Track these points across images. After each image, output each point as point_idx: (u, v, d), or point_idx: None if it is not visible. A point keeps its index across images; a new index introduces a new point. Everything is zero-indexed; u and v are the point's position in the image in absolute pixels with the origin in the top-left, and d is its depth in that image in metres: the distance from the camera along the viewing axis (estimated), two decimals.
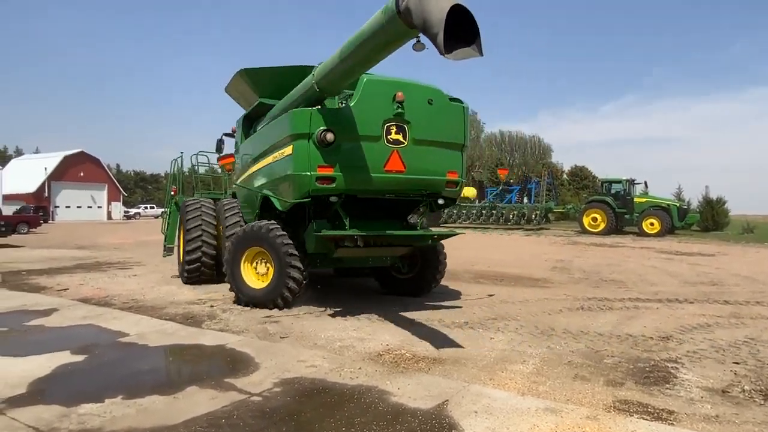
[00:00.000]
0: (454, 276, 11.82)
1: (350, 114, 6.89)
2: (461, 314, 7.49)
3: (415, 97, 7.11)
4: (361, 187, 7.09)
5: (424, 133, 7.20)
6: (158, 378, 4.76)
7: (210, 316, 7.22)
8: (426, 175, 7.31)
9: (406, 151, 7.09)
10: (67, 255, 16.58)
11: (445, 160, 7.45)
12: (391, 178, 7.10)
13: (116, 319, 6.96)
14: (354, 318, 7.20)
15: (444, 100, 7.37)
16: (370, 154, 6.95)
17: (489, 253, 18.04)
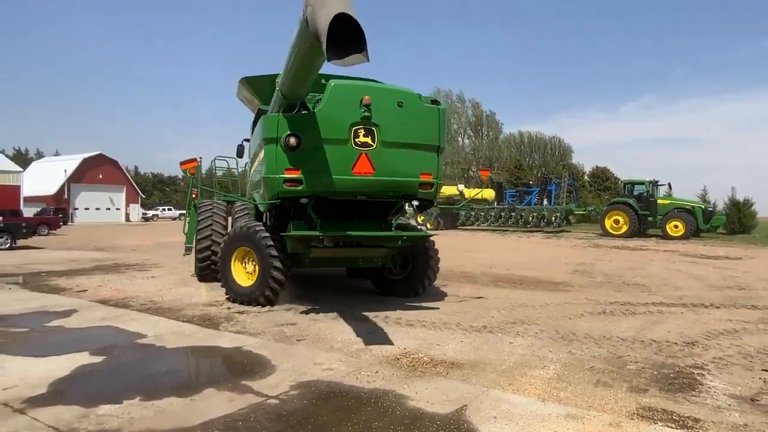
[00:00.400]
0: (472, 279, 11.76)
1: (316, 118, 7.19)
2: (479, 318, 7.46)
3: (384, 100, 7.34)
4: (329, 189, 7.33)
5: (394, 135, 7.39)
6: (176, 380, 4.82)
7: (227, 318, 7.29)
8: (397, 177, 7.49)
9: (375, 153, 7.32)
10: (86, 257, 16.88)
11: (418, 162, 7.61)
12: (360, 181, 7.33)
13: (134, 321, 7.07)
14: (369, 320, 7.21)
15: (416, 102, 7.54)
16: (337, 156, 7.23)
17: (508, 255, 17.93)
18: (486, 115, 68.53)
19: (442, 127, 7.73)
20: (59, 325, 6.86)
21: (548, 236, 29.79)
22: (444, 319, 7.35)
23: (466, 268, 13.94)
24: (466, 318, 7.44)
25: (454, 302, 8.77)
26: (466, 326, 6.91)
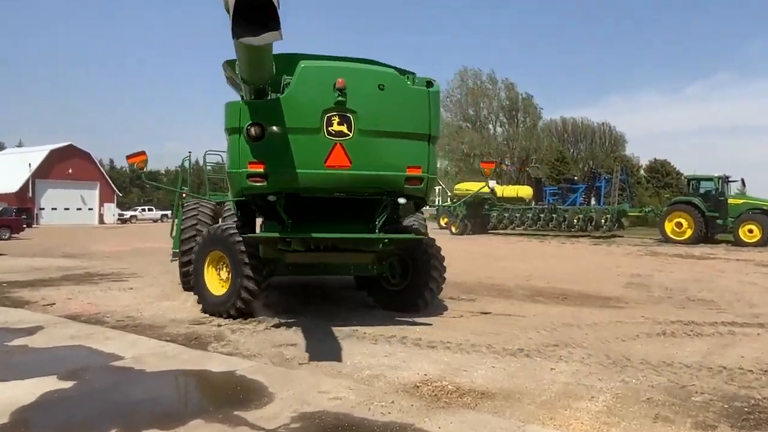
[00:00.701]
0: (505, 293, 11.74)
1: (283, 105, 7.29)
2: (514, 339, 7.44)
3: (363, 82, 7.43)
4: (299, 185, 7.48)
5: (375, 123, 7.47)
6: (157, 409, 4.85)
7: (217, 337, 7.35)
8: (378, 171, 7.58)
9: (352, 143, 7.39)
10: (53, 264, 17.11)
11: (404, 153, 7.68)
12: (335, 175, 7.44)
13: (109, 340, 7.15)
14: (385, 341, 7.22)
15: (400, 84, 7.63)
16: (307, 148, 7.34)
17: (548, 265, 17.85)
18: (522, 98, 68.17)
19: (433, 112, 7.81)
20: (23, 344, 6.96)
21: (596, 242, 29.59)
22: (472, 340, 7.34)
23: (498, 279, 13.91)
24: (498, 339, 7.42)
25: (483, 320, 8.76)
26: (499, 349, 6.89)
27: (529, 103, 68.36)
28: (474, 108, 68.72)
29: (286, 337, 7.44)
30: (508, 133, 69.04)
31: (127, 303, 9.99)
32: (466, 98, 68.06)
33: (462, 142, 64.27)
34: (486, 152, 64.21)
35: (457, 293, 11.52)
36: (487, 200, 37.57)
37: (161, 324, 8.20)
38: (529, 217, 35.71)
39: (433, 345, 7.04)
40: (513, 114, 68.94)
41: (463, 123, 68.72)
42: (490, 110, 69.47)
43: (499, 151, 66.60)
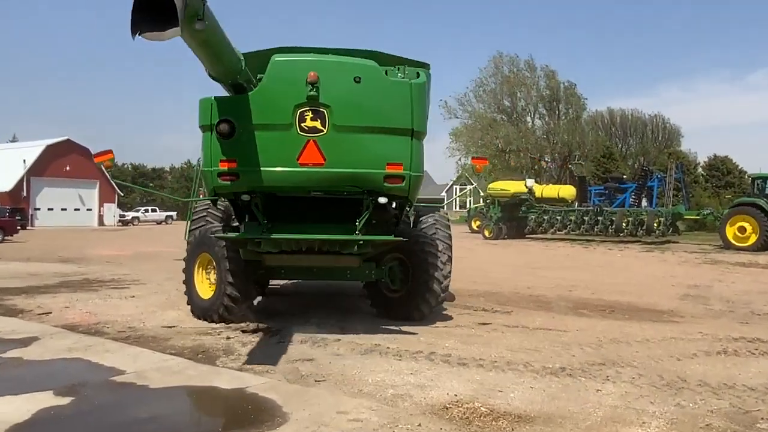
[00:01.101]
0: (545, 304, 11.68)
1: (254, 100, 7.74)
2: (555, 356, 7.39)
3: (337, 75, 7.77)
4: (271, 183, 7.91)
5: (350, 117, 7.80)
6: (161, 429, 4.90)
7: (226, 351, 7.41)
8: (354, 169, 7.89)
9: (326, 140, 7.74)
10: (49, 270, 17.42)
11: (383, 150, 7.94)
12: (308, 173, 7.82)
13: (109, 353, 7.24)
14: (411, 356, 7.22)
15: (378, 76, 7.94)
16: (279, 145, 7.77)
17: (593, 274, 17.71)
18: (564, 87, 67.65)
19: (416, 105, 8.03)
20: (16, 356, 7.07)
21: (648, 248, 29.26)
22: (508, 357, 7.30)
23: (537, 290, 13.83)
24: (537, 356, 7.38)
25: (521, 335, 8.72)
26: (538, 367, 6.85)
27: (572, 93, 67.81)
28: (510, 98, 68.45)
29: (301, 351, 7.47)
30: (548, 126, 68.58)
31: (129, 312, 10.12)
32: (501, 87, 67.77)
33: (496, 137, 63.96)
34: (523, 147, 63.87)
35: (491, 305, 11.48)
36: (524, 201, 37.38)
37: (166, 336, 8.29)
38: (572, 220, 35.42)
39: (465, 362, 7.02)
40: (554, 105, 68.45)
41: (498, 115, 68.45)
42: (528, 101, 69.09)
43: (538, 147, 66.24)
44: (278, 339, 8.10)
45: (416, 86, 8.10)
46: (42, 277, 15.34)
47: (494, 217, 37.47)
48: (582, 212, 35.79)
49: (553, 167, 67.89)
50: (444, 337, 8.42)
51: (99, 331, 8.61)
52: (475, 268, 18.72)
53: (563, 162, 66.46)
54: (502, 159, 64.76)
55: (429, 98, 9.33)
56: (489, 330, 9.02)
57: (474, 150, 66.13)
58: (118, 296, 12.08)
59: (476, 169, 9.45)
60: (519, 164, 64.46)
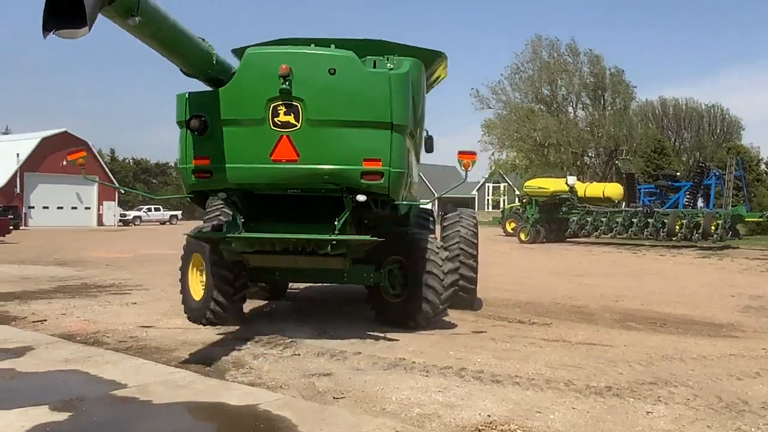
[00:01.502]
0: (588, 316, 11.62)
1: (226, 95, 8.23)
2: (600, 374, 7.35)
3: (311, 67, 8.20)
4: (245, 181, 8.45)
5: (325, 111, 8.18)
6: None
7: (237, 363, 7.47)
8: (329, 165, 8.24)
9: (300, 135, 8.15)
10: (44, 273, 17.69)
11: (360, 145, 8.28)
12: (282, 170, 8.27)
13: (109, 364, 7.32)
14: (439, 372, 7.22)
15: (354, 67, 8.31)
16: (252, 140, 8.26)
17: (642, 283, 17.57)
18: (610, 74, 67.05)
19: (396, 97, 8.34)
20: (9, 368, 7.16)
21: (704, 254, 28.97)
22: (547, 374, 7.27)
23: (580, 300, 13.76)
24: (580, 374, 7.34)
25: (561, 350, 8.69)
26: (581, 386, 6.82)
27: (619, 81, 67.15)
28: (550, 86, 67.95)
29: (318, 364, 7.50)
30: (592, 117, 68.00)
31: (131, 320, 10.23)
32: (540, 74, 67.30)
33: (534, 129, 63.54)
34: (564, 141, 63.40)
35: (528, 316, 11.45)
36: (565, 201, 37.14)
37: (170, 346, 8.37)
38: (619, 222, 35.12)
39: (499, 379, 7.00)
40: (599, 94, 67.86)
41: (536, 105, 68.03)
42: (569, 89, 68.56)
43: (581, 140, 65.67)
44: (293, 351, 8.15)
45: (396, 77, 8.42)
46: (37, 282, 15.58)
47: (531, 219, 37.28)
48: (630, 213, 35.47)
49: (598, 163, 67.34)
50: (476, 351, 8.40)
51: (98, 340, 8.72)
52: (509, 275, 18.66)
53: (609, 157, 65.90)
54: (541, 154, 64.41)
55: (422, 89, 9.91)
56: (526, 344, 8.99)
57: (509, 143, 65.86)
58: (118, 303, 12.23)
59: (463, 165, 9.47)
60: (559, 160, 64.01)
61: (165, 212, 72.03)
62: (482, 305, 12.48)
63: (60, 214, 63.09)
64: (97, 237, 41.54)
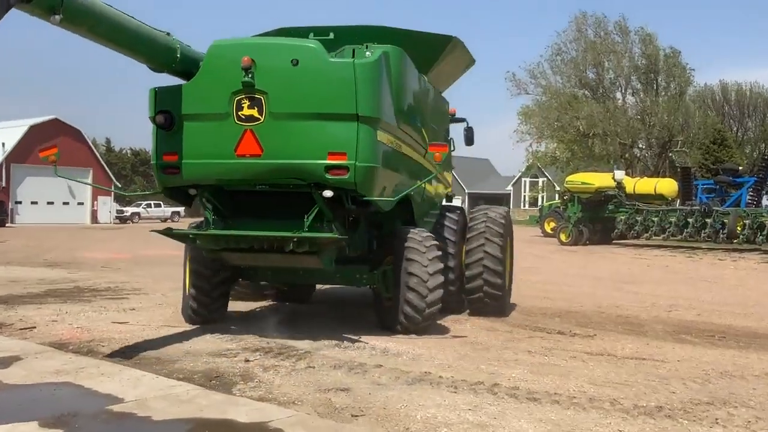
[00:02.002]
0: (637, 327, 11.58)
1: (191, 89, 9.08)
2: (651, 393, 7.31)
3: (274, 59, 8.87)
4: (213, 176, 9.27)
5: (288, 104, 8.81)
6: None
7: (245, 377, 7.52)
8: (293, 159, 8.87)
9: (264, 129, 8.83)
10: (33, 275, 17.88)
11: (325, 138, 8.85)
12: (246, 165, 8.97)
13: (105, 377, 7.37)
14: (469, 388, 7.22)
15: (318, 57, 8.89)
16: (218, 135, 9.02)
17: (699, 290, 17.44)
18: (665, 55, 66.42)
19: (363, 87, 8.84)
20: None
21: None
22: (590, 392, 7.25)
23: (627, 309, 13.70)
24: (627, 392, 7.31)
25: (606, 365, 8.66)
26: (628, 406, 6.79)
27: (675, 63, 66.49)
28: (595, 69, 67.43)
29: (334, 378, 7.54)
30: (643, 104, 67.39)
31: (129, 328, 10.33)
32: (585, 56, 66.79)
33: (577, 117, 62.98)
34: (611, 130, 62.90)
35: (569, 326, 11.42)
36: (612, 198, 36.89)
37: (172, 357, 8.44)
38: (672, 222, 34.81)
39: (536, 397, 6.99)
40: (651, 78, 67.27)
41: (580, 90, 67.54)
42: (618, 72, 67.99)
43: (631, 130, 65.11)
44: (307, 363, 8.19)
45: (362, 66, 8.90)
46: (25, 284, 15.75)
47: (573, 218, 37.08)
48: (685, 213, 35.15)
49: (649, 156, 66.73)
50: (510, 365, 8.40)
51: (93, 350, 8.81)
52: (548, 281, 18.60)
53: (662, 149, 65.30)
54: (584, 145, 63.94)
55: (409, 78, 10.38)
56: (567, 358, 8.97)
57: (548, 133, 65.41)
58: (115, 308, 12.36)
59: (435, 158, 9.82)
60: (605, 152, 63.49)
61: (166, 208, 72.36)
62: (517, 314, 12.47)
63: (50, 211, 63.46)
64: (91, 236, 41.89)
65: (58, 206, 64.62)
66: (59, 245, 31.35)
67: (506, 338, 10.20)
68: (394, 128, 9.76)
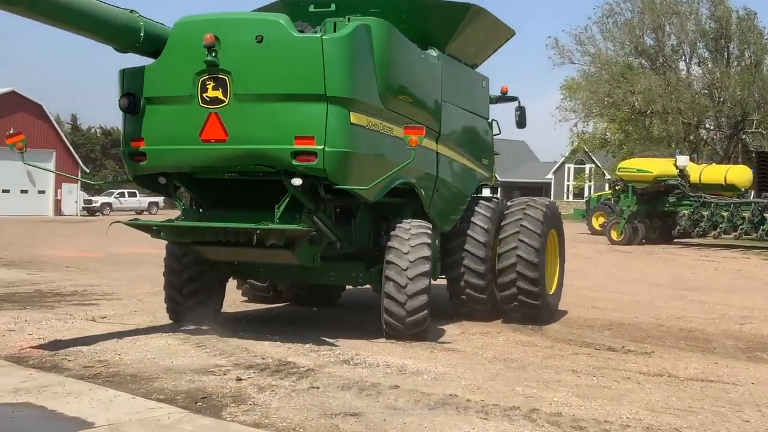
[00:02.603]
0: (703, 343, 11.56)
1: (155, 70, 9.87)
2: (719, 421, 7.28)
3: (238, 35, 9.51)
4: (177, 163, 10.11)
5: (253, 84, 9.48)
6: None
7: (237, 398, 7.51)
8: (257, 145, 9.53)
9: (228, 112, 9.50)
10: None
11: (291, 121, 9.48)
12: (210, 151, 9.75)
13: (72, 396, 7.39)
14: (503, 414, 7.21)
15: (284, 33, 9.44)
16: (183, 119, 9.78)
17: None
18: (738, 17, 65.93)
19: (333, 65, 9.38)
20: None
21: None
22: (647, 420, 7.23)
23: (691, 321, 13.67)
24: (692, 420, 7.28)
25: (666, 387, 8.63)
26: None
27: (750, 27, 65.93)
28: (655, 34, 67.05)
29: (343, 401, 7.53)
30: (712, 76, 67.03)
31: (99, 339, 10.34)
32: (642, 18, 66.43)
33: (632, 91, 62.56)
34: (673, 108, 62.56)
35: (622, 342, 11.38)
36: (673, 188, 36.69)
37: (151, 373, 8.45)
38: (746, 217, 34.64)
39: (582, 425, 6.97)
40: (721, 45, 66.84)
41: (636, 59, 67.19)
42: (681, 38, 67.60)
43: (696, 107, 64.73)
44: (310, 382, 8.19)
45: (331, 42, 9.43)
46: None
47: (627, 212, 36.94)
48: (761, 206, 34.93)
49: (718, 138, 66.29)
50: (551, 387, 8.38)
51: (57, 365, 8.83)
52: (597, 287, 18.57)
53: (734, 130, 64.86)
54: (641, 125, 63.66)
55: (391, 54, 10.51)
56: (619, 379, 8.94)
57: (597, 110, 65.06)
58: (83, 316, 12.41)
59: (410, 141, 9.92)
60: (666, 133, 63.16)
61: (142, 198, 72.48)
62: (560, 326, 12.46)
63: (6, 200, 63.51)
64: (54, 230, 42.03)
65: (15, 195, 64.76)
66: (17, 241, 31.50)
67: (546, 355, 10.19)
68: (378, 110, 10.13)
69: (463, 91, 13.06)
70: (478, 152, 13.80)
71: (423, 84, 11.51)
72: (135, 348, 9.90)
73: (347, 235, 11.01)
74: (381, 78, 10.02)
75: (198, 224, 10.21)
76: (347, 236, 11.01)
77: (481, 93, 14.00)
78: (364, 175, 9.85)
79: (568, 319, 13.14)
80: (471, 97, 13.46)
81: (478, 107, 13.79)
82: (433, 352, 9.98)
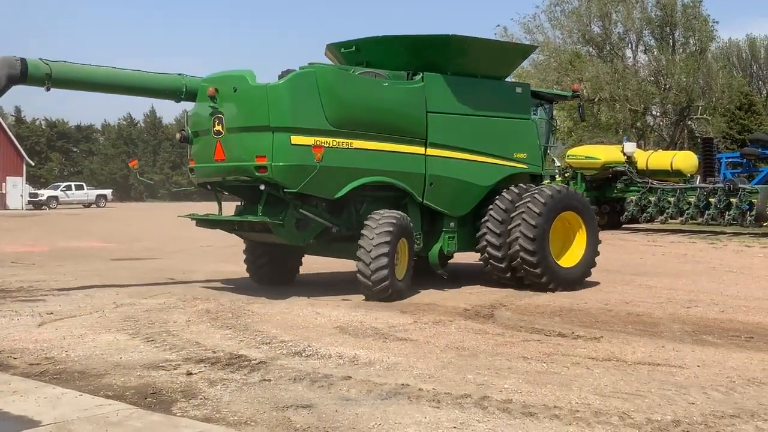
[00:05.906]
0: (650, 327, 11.70)
1: (196, 112, 14.71)
2: (666, 404, 7.38)
3: (227, 87, 13.73)
4: (204, 176, 14.79)
5: (233, 120, 13.62)
6: None
7: (187, 392, 7.48)
8: (238, 162, 13.67)
9: (224, 140, 13.75)
10: None
11: (254, 145, 13.37)
12: (218, 167, 14.18)
13: (18, 395, 7.32)
14: (454, 402, 7.25)
15: (246, 84, 13.56)
16: (206, 146, 14.21)
17: (722, 283, 17.58)
18: (683, 5, 66.90)
19: (273, 104, 13.19)
20: None
21: None
22: (596, 404, 7.30)
23: (639, 305, 13.81)
24: (639, 404, 7.37)
25: (614, 372, 8.72)
26: (640, 420, 6.85)
27: (695, 15, 66.99)
28: (602, 22, 67.80)
29: (294, 393, 7.53)
30: (657, 63, 67.88)
31: (45, 336, 10.25)
32: (589, 6, 67.13)
33: (580, 79, 63.15)
34: (620, 95, 63.25)
35: (571, 327, 11.47)
36: (621, 175, 37.03)
37: (99, 370, 8.38)
38: (692, 202, 35.00)
39: (532, 411, 7.02)
40: (667, 32, 67.72)
41: (584, 47, 67.86)
42: (628, 26, 68.39)
43: (643, 94, 65.55)
44: (261, 375, 8.18)
45: (273, 88, 13.31)
46: None
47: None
48: (707, 191, 35.28)
49: (665, 124, 67.19)
50: (502, 374, 8.44)
51: (2, 363, 8.73)
52: None
53: (679, 117, 65.77)
54: (589, 112, 64.19)
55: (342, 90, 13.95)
56: (568, 364, 9.02)
57: None
58: (29, 312, 12.26)
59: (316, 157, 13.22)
60: (613, 120, 63.89)
61: (90, 191, 71.92)
62: (510, 313, 12.56)
63: None
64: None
65: None
66: None
67: (497, 342, 10.24)
68: (327, 131, 13.46)
69: (472, 100, 15.67)
70: (505, 148, 16.21)
71: (393, 105, 14.58)
72: (83, 344, 9.80)
73: (344, 222, 14.47)
74: (329, 108, 13.44)
75: (215, 217, 15.08)
76: (344, 223, 14.46)
77: (511, 98, 16.58)
78: (317, 180, 13.15)
79: (519, 306, 13.22)
80: (490, 103, 16.06)
81: (502, 111, 16.30)
82: (386, 342, 10.01)
